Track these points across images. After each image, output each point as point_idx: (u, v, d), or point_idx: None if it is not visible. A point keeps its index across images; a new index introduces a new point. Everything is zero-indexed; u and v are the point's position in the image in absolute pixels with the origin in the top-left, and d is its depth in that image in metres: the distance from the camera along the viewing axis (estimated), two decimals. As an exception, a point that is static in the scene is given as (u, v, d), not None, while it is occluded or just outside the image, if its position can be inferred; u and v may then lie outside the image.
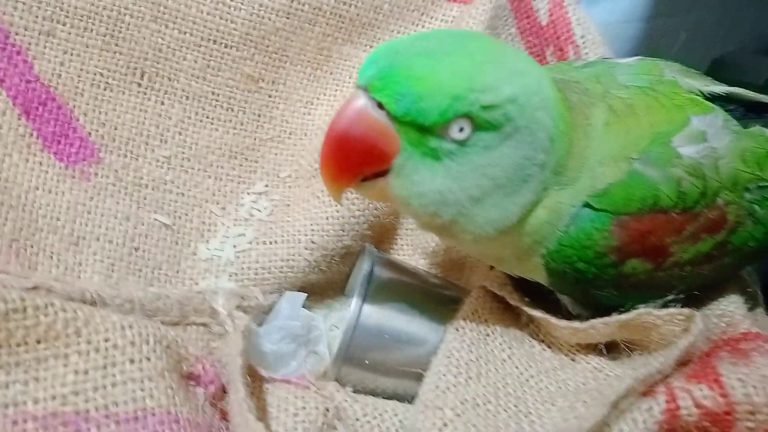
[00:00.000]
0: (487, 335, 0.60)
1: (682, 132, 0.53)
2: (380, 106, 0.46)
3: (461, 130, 0.46)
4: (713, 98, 0.58)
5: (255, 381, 0.58)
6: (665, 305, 0.54)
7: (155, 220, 0.68)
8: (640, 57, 0.62)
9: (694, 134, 0.53)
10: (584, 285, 0.54)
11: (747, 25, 1.17)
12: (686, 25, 1.07)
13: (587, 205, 0.51)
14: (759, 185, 0.55)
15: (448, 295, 0.66)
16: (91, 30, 0.67)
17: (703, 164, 0.53)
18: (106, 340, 0.49)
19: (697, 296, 0.58)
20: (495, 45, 0.50)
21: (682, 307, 0.54)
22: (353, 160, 0.48)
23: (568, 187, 0.51)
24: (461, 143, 0.47)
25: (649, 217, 0.52)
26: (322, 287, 0.73)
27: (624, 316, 0.54)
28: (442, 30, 0.76)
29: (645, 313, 0.53)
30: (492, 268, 0.65)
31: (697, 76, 0.60)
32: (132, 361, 0.49)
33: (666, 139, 0.53)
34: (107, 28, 0.67)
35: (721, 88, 0.59)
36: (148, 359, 0.50)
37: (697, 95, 0.58)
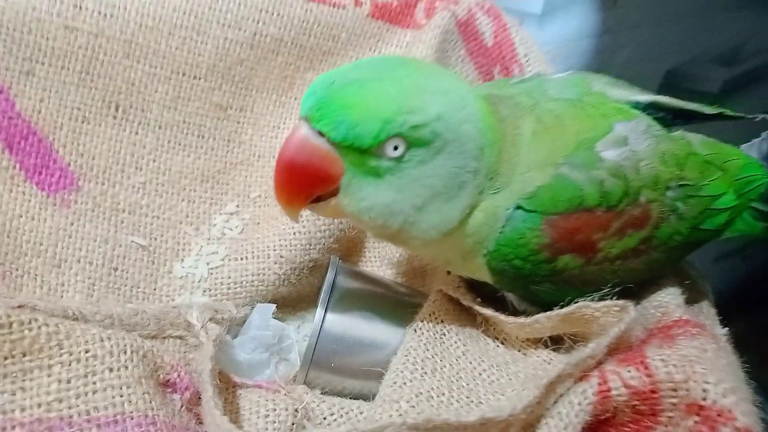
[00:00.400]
0: (443, 334, 0.63)
1: (606, 138, 0.57)
2: (321, 133, 0.50)
3: (396, 148, 0.50)
4: (646, 107, 0.62)
5: (229, 387, 0.61)
6: (603, 299, 0.57)
7: (132, 242, 0.71)
8: (571, 71, 0.66)
9: (617, 139, 0.57)
10: (524, 281, 0.58)
11: (698, 36, 1.21)
12: (636, 38, 1.11)
13: (519, 207, 0.55)
14: (680, 184, 0.58)
15: (410, 301, 0.69)
16: (68, 68, 0.70)
17: (624, 166, 0.56)
18: (87, 351, 0.52)
19: (636, 290, 0.61)
20: (421, 68, 0.53)
21: (619, 299, 0.57)
22: (302, 184, 0.52)
23: (502, 191, 0.55)
24: (398, 160, 0.51)
25: (576, 216, 0.55)
26: (294, 300, 0.76)
27: (564, 310, 0.57)
28: (372, 58, 0.80)
29: (583, 306, 0.57)
30: (448, 273, 0.69)
31: (624, 86, 0.64)
32: (111, 370, 0.52)
33: (590, 144, 0.56)
34: (83, 66, 0.70)
35: (645, 97, 0.62)
36: (126, 367, 0.53)
37: (624, 105, 0.61)
